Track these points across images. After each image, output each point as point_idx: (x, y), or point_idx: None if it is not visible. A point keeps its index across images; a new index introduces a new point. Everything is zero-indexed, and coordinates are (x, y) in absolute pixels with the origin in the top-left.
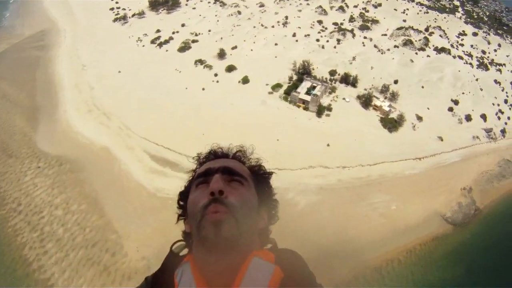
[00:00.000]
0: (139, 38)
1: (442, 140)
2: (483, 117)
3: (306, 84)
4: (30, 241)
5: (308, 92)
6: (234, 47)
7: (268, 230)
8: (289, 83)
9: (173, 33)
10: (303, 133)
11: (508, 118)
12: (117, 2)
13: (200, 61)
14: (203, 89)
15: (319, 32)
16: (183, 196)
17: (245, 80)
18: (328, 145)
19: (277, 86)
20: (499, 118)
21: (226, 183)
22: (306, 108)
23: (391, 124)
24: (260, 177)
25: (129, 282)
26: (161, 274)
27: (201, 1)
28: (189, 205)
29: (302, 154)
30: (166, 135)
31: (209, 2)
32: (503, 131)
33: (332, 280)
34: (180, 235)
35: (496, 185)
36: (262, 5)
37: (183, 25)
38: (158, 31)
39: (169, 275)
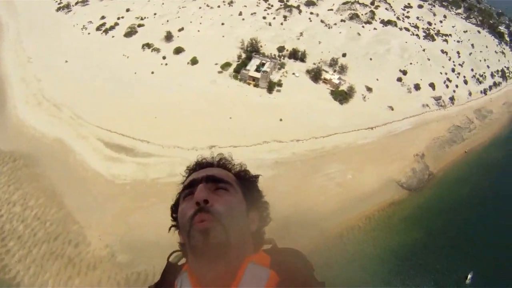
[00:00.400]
0: (84, 26)
1: (392, 109)
2: (432, 85)
3: (255, 62)
4: None
5: (257, 69)
6: (181, 29)
7: (262, 232)
8: (238, 61)
9: (118, 18)
10: (255, 109)
11: (456, 86)
12: None
13: (148, 45)
14: (152, 72)
15: (265, 10)
16: (175, 208)
17: (194, 61)
18: (280, 120)
19: (226, 65)
20: (447, 86)
21: (211, 192)
22: (256, 85)
23: (342, 96)
24: (246, 181)
25: (94, 272)
26: (162, 284)
27: None
28: (179, 217)
29: (256, 130)
30: (118, 121)
31: None
32: (451, 99)
33: None
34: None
35: (448, 150)
36: None
37: (127, 10)
38: (102, 17)
39: (170, 285)
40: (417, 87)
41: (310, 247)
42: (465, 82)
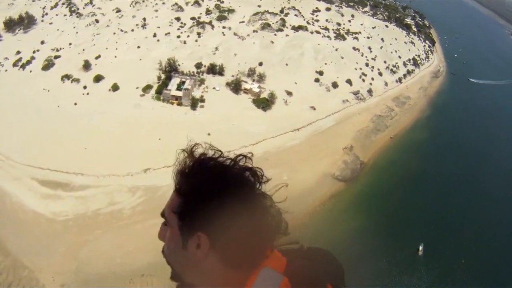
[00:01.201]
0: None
1: (315, 109)
2: (349, 82)
3: (175, 81)
4: None
5: (179, 88)
6: (98, 57)
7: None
8: (158, 82)
9: (34, 52)
10: (182, 127)
11: (372, 79)
12: None
13: (67, 76)
14: (75, 104)
15: (178, 29)
16: None
17: (115, 87)
18: (209, 134)
19: (147, 88)
20: (363, 80)
21: (163, 227)
22: (180, 104)
23: (264, 103)
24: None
25: None
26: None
27: (56, 15)
28: None
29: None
30: (49, 157)
31: (65, 15)
32: (369, 91)
33: None
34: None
35: (374, 139)
36: (118, 11)
37: (42, 42)
38: (18, 52)
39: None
40: (334, 85)
41: None
42: (380, 74)
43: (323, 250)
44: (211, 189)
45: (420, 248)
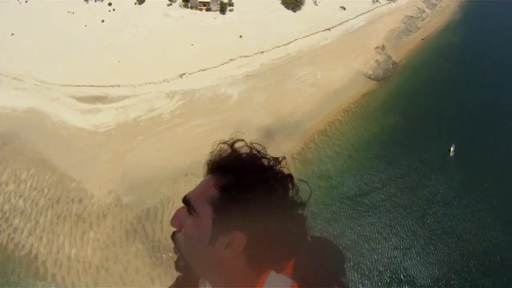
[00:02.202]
0: None
1: (344, 9)
2: None
3: None
4: None
5: None
6: None
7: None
8: None
9: None
10: (214, 32)
11: None
12: None
13: None
14: (103, 21)
15: None
16: None
17: (141, 0)
18: (240, 36)
19: None
20: None
21: (181, 214)
22: (208, 9)
23: (293, 4)
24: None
25: (105, 220)
26: (187, 283)
27: None
28: None
29: (220, 51)
30: (83, 75)
31: None
32: None
33: (285, 153)
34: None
35: (405, 40)
36: None
37: None
38: None
39: (193, 284)
40: None
41: (298, 148)
42: None
43: (328, 242)
44: (257, 189)
45: (452, 149)
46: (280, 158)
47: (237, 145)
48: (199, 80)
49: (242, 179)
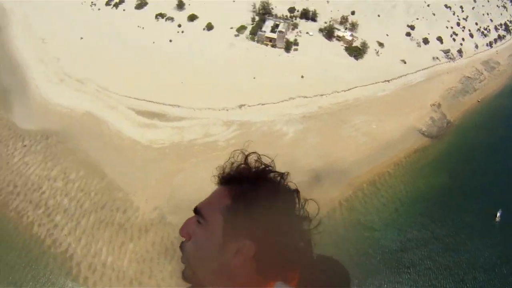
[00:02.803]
0: (92, 2)
1: (405, 63)
2: (439, 39)
3: (269, 23)
4: (37, 219)
5: (273, 30)
6: None
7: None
8: (252, 24)
9: None
10: (276, 68)
11: (463, 39)
12: None
13: (161, 15)
14: (170, 41)
15: None
16: None
17: (210, 27)
18: (302, 76)
19: (241, 28)
20: (454, 39)
21: (192, 223)
22: (274, 45)
23: (356, 52)
24: (244, 196)
25: (147, 235)
26: None
27: None
28: None
29: (280, 88)
30: (145, 89)
31: None
32: (459, 51)
33: (333, 198)
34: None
35: (462, 100)
36: None
37: None
38: None
39: None
40: (425, 41)
41: (346, 195)
42: (471, 35)
43: (333, 260)
44: (268, 201)
45: (498, 214)
46: (286, 173)
47: (249, 158)
48: (257, 113)
49: (254, 190)
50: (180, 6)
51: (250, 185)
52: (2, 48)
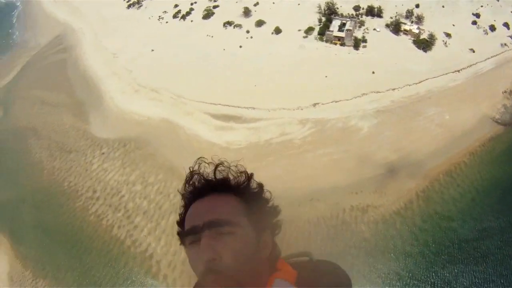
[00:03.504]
0: (160, 16)
1: (474, 51)
2: (506, 25)
3: (336, 23)
4: (117, 221)
5: (340, 29)
6: (256, 4)
7: (277, 246)
8: (319, 24)
9: (192, 4)
10: (347, 66)
11: None
12: None
13: (229, 23)
14: (240, 46)
15: None
16: (181, 225)
17: (278, 30)
18: (373, 72)
19: (309, 30)
20: None
21: (216, 239)
22: (342, 44)
23: (424, 44)
24: (250, 196)
25: None
26: None
27: None
28: (189, 261)
29: (352, 84)
30: (220, 94)
31: None
32: None
33: (410, 189)
34: None
35: None
36: None
37: None
38: (176, 6)
39: None
40: (492, 28)
41: (423, 186)
42: None
43: (332, 264)
44: (262, 199)
45: None
46: (251, 174)
47: (219, 168)
48: (331, 110)
49: (256, 193)
50: (247, 13)
51: (244, 189)
52: (75, 64)
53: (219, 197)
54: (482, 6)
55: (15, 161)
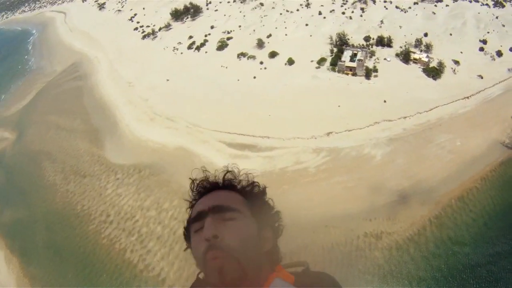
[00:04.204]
0: (174, 47)
1: (482, 78)
2: None
3: (347, 53)
4: (130, 245)
5: (351, 60)
6: (269, 36)
7: (277, 247)
8: (331, 55)
9: (206, 36)
10: (359, 95)
11: None
12: (138, 22)
13: (242, 54)
14: (254, 77)
15: (341, 6)
16: (187, 230)
17: (291, 62)
18: (384, 101)
19: (322, 60)
20: None
21: (220, 223)
22: (354, 74)
23: (434, 72)
24: (253, 198)
25: None
26: None
27: (220, 2)
28: (192, 251)
29: (365, 114)
30: (235, 123)
31: (228, 2)
32: None
33: (422, 216)
34: None
35: None
36: None
37: (212, 27)
38: (190, 37)
39: None
40: (499, 53)
41: (436, 212)
42: None
43: (328, 276)
44: (266, 199)
45: None
46: (256, 182)
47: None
48: (345, 139)
49: (258, 194)
50: (260, 45)
51: (248, 188)
52: (91, 92)
53: (223, 190)
54: (488, 32)
55: (29, 183)
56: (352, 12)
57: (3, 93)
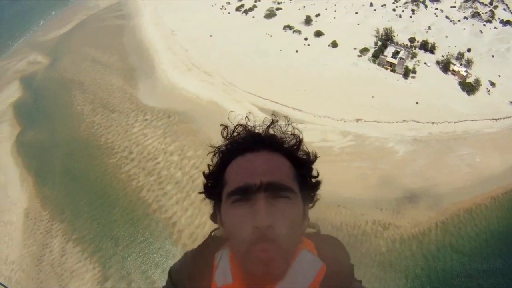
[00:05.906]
0: (222, 6)
1: None
2: None
3: (390, 49)
4: (147, 184)
5: (393, 56)
6: (318, 15)
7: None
8: (375, 47)
9: (255, 1)
10: (394, 91)
11: None
12: None
13: (289, 27)
14: (297, 51)
15: (393, 3)
16: (211, 177)
17: (334, 44)
18: (417, 103)
19: (364, 50)
20: None
21: (272, 206)
22: (393, 70)
23: (469, 87)
24: (303, 165)
25: None
26: (201, 253)
27: None
28: (225, 225)
29: (396, 110)
30: (269, 90)
31: None
32: None
33: (430, 218)
34: None
35: None
36: None
37: None
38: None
39: (209, 255)
40: None
41: (443, 218)
42: None
43: (336, 239)
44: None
45: None
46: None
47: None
48: (372, 129)
49: (305, 160)
50: (308, 21)
51: (296, 153)
52: (132, 33)
53: (273, 155)
54: None
55: (56, 108)
56: (403, 11)
57: (42, 19)
